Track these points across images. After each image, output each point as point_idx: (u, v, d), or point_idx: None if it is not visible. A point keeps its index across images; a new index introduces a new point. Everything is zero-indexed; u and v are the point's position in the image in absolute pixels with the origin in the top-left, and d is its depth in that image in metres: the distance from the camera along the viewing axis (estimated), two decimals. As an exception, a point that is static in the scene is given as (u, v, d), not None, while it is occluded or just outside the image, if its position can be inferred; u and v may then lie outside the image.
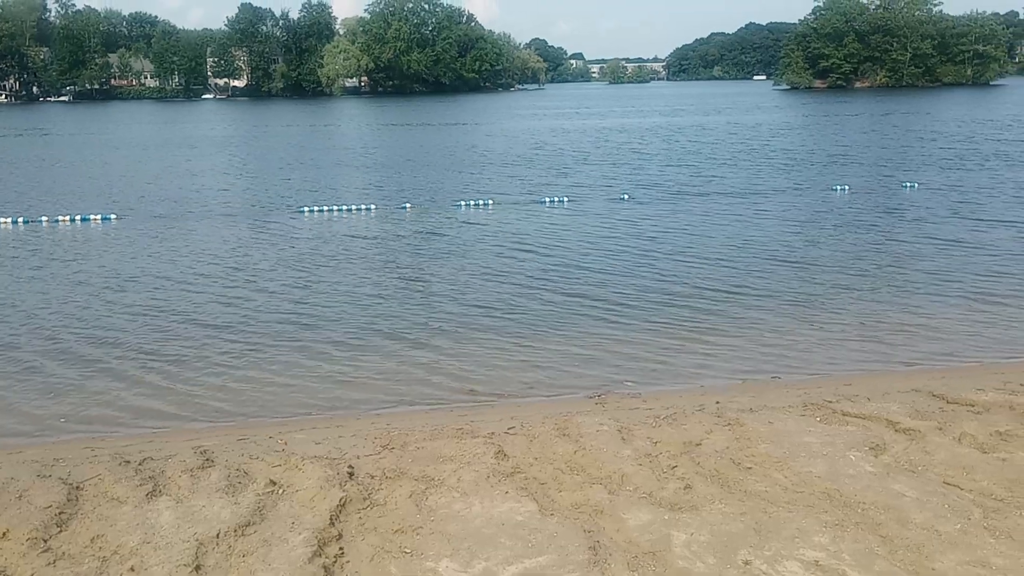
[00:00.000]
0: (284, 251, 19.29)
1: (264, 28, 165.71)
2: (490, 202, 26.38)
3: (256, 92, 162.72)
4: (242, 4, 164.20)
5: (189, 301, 14.86)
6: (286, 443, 8.00)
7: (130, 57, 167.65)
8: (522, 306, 14.15)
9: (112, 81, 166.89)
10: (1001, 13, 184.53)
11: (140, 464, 7.36)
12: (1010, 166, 33.24)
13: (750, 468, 6.93)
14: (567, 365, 11.20)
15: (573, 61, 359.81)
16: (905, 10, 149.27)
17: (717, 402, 8.95)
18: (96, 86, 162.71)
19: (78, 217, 24.07)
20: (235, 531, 5.95)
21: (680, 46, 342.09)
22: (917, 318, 13.10)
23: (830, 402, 8.70)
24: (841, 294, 14.61)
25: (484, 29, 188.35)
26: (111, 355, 11.89)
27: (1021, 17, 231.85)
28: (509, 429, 8.11)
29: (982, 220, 21.56)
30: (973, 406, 8.39)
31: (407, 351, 11.89)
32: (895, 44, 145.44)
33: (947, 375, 10.14)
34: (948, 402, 8.58)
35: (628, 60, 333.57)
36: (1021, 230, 20.04)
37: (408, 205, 26.12)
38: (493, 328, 12.92)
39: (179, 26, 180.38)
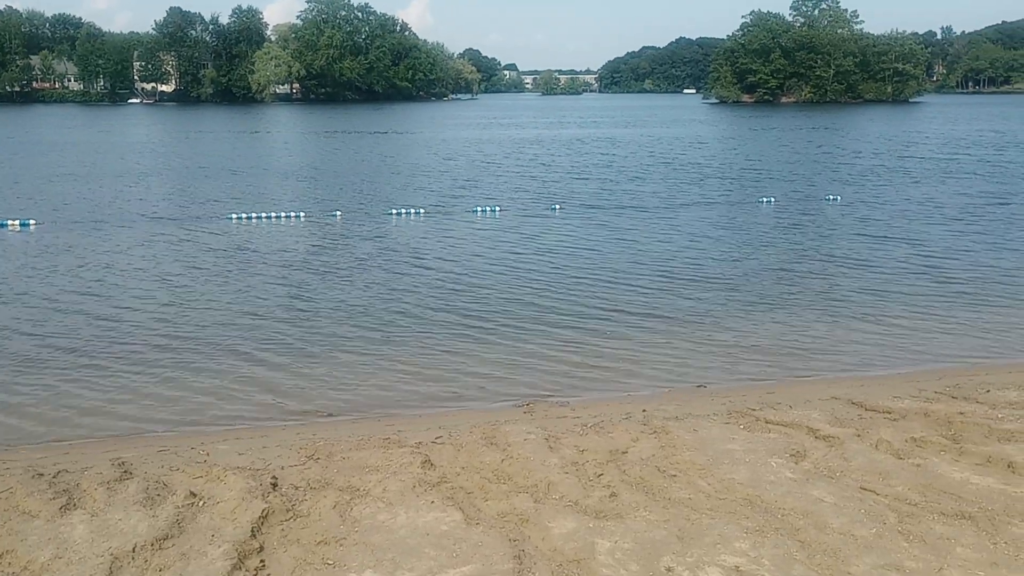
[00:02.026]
0: (207, 258, 18.90)
1: (193, 33, 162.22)
2: (421, 211, 26.29)
3: (185, 97, 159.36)
4: (171, 8, 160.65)
5: (107, 310, 14.47)
6: (208, 454, 7.85)
7: (53, 59, 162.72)
8: (451, 316, 14.11)
9: (34, 84, 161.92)
10: (920, 33, 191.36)
11: (54, 477, 7.14)
12: (921, 182, 34.34)
13: (675, 475, 7.01)
14: (496, 374, 11.19)
15: (507, 72, 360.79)
16: (828, 28, 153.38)
17: (644, 410, 9.04)
18: (16, 88, 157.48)
19: (-6, 223, 23.31)
20: (152, 545, 5.80)
21: (612, 59, 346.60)
22: (838, 328, 13.41)
23: (753, 410, 8.85)
24: (766, 305, 14.89)
25: (418, 38, 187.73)
26: (25, 365, 11.51)
27: (938, 37, 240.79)
28: (436, 438, 8.08)
29: (900, 233, 22.21)
30: (890, 413, 8.63)
31: (330, 362, 11.75)
32: (819, 61, 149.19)
33: (865, 383, 10.41)
34: (866, 409, 8.81)
35: (561, 72, 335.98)
36: (937, 246, 20.70)
37: (338, 213, 25.90)
38: (421, 337, 12.86)
39: (105, 29, 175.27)
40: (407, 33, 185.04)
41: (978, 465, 7.15)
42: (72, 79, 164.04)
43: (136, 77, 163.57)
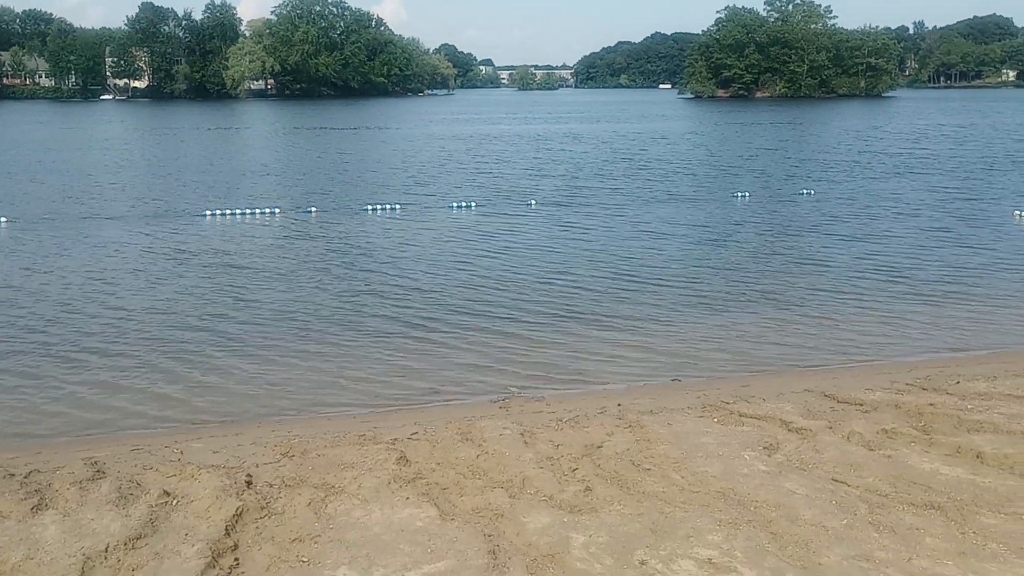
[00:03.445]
0: (183, 254, 18.78)
1: (166, 28, 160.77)
2: (397, 206, 26.24)
3: (158, 93, 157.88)
4: (143, 3, 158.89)
5: (78, 308, 14.34)
6: (182, 452, 7.81)
7: (23, 55, 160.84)
8: (427, 311, 14.10)
9: (4, 80, 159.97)
10: (892, 28, 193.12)
11: (26, 477, 7.08)
12: (892, 177, 34.67)
13: (649, 469, 7.05)
14: (470, 370, 11.20)
15: (483, 67, 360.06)
16: (802, 23, 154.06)
17: (619, 405, 9.08)
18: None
19: (-36, 221, 23.03)
20: (125, 544, 5.77)
21: (588, 54, 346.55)
22: (811, 322, 13.53)
23: (727, 403, 8.92)
24: (741, 300, 14.98)
25: (393, 33, 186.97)
26: (-3, 364, 11.40)
27: (911, 32, 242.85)
28: (412, 435, 8.08)
29: (871, 228, 22.42)
30: (862, 405, 8.71)
31: (308, 358, 11.71)
32: (793, 56, 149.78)
33: (838, 376, 10.51)
34: (838, 402, 8.89)
35: (537, 67, 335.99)
36: (905, 241, 20.93)
37: (314, 209, 25.79)
38: (397, 333, 12.84)
39: (76, 24, 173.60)
40: (382, 28, 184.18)
41: (948, 456, 7.24)
42: (43, 75, 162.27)
43: (108, 73, 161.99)
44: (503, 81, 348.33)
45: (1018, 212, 24.34)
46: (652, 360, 11.63)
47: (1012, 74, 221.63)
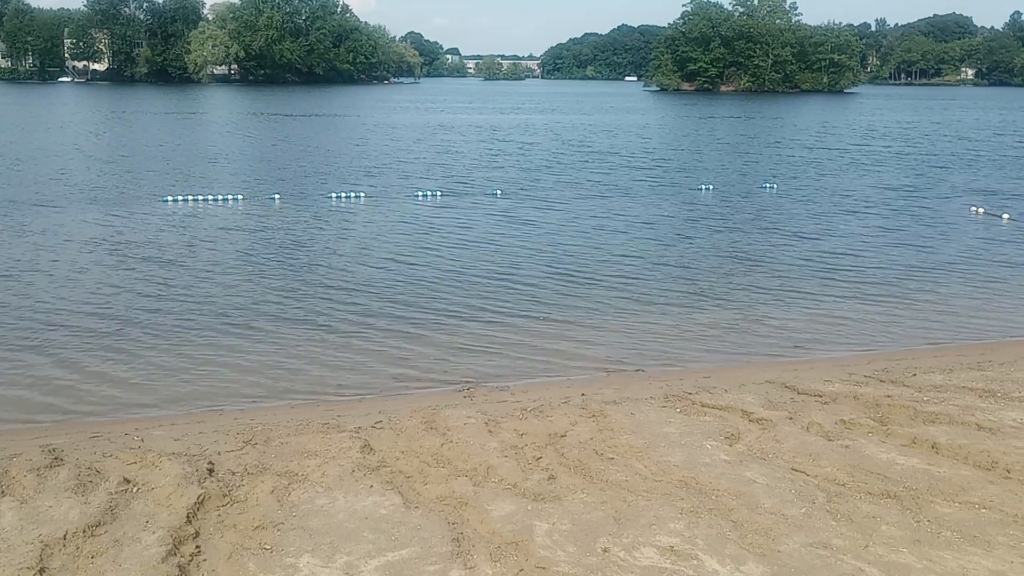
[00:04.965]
0: (146, 240, 18.54)
1: (127, 10, 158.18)
2: (362, 195, 26.09)
3: (118, 76, 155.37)
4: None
5: (30, 295, 14.11)
6: (143, 440, 7.74)
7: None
8: (392, 301, 14.06)
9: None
10: (855, 25, 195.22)
11: (-19, 464, 6.97)
12: (851, 171, 35.13)
13: (612, 458, 7.11)
14: (436, 360, 11.19)
15: (449, 56, 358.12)
16: (767, 19, 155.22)
17: (583, 394, 9.13)
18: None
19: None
20: (84, 532, 5.71)
21: (555, 45, 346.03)
22: (772, 313, 13.68)
23: (690, 394, 9.01)
24: (703, 291, 15.12)
25: (359, 20, 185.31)
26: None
27: (873, 29, 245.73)
28: (376, 423, 8.07)
29: (832, 222, 22.73)
30: (821, 396, 8.84)
31: (271, 346, 11.63)
32: (758, 50, 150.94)
33: (798, 367, 10.65)
34: (798, 393, 9.01)
35: (504, 57, 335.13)
36: (864, 237, 21.22)
37: (277, 196, 25.56)
38: (361, 322, 12.79)
39: (34, 5, 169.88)
40: (348, 15, 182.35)
41: (904, 446, 7.38)
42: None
43: (67, 55, 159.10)
44: (469, 71, 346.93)
45: (975, 208, 24.80)
46: (616, 350, 11.69)
47: (971, 72, 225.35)
